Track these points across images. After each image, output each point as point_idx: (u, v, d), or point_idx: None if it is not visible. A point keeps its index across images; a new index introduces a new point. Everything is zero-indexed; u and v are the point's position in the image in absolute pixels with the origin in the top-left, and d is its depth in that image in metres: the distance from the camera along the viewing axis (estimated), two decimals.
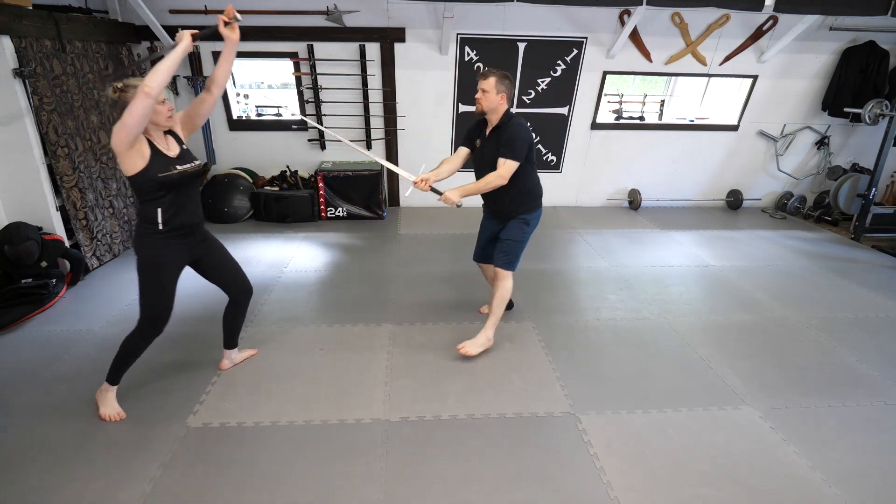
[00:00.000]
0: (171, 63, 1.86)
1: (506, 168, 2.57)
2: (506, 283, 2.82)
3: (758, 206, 6.05)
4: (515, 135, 2.56)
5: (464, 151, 2.84)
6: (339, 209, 5.18)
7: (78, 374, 2.63)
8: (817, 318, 3.40)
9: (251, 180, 5.22)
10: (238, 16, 2.09)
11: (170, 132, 2.13)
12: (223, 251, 2.44)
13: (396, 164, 5.45)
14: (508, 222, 2.81)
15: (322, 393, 2.52)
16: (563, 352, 2.93)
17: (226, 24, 2.10)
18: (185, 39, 1.93)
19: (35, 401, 2.43)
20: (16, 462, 2.07)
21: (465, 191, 2.66)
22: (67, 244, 3.56)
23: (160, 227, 2.04)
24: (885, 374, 2.80)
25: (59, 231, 3.58)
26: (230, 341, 2.65)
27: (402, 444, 2.20)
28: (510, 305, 3.39)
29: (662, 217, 5.56)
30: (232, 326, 2.61)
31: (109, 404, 2.30)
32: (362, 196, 5.15)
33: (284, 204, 5.01)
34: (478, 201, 2.92)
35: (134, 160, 1.91)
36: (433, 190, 2.76)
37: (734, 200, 5.89)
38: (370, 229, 4.98)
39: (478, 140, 2.76)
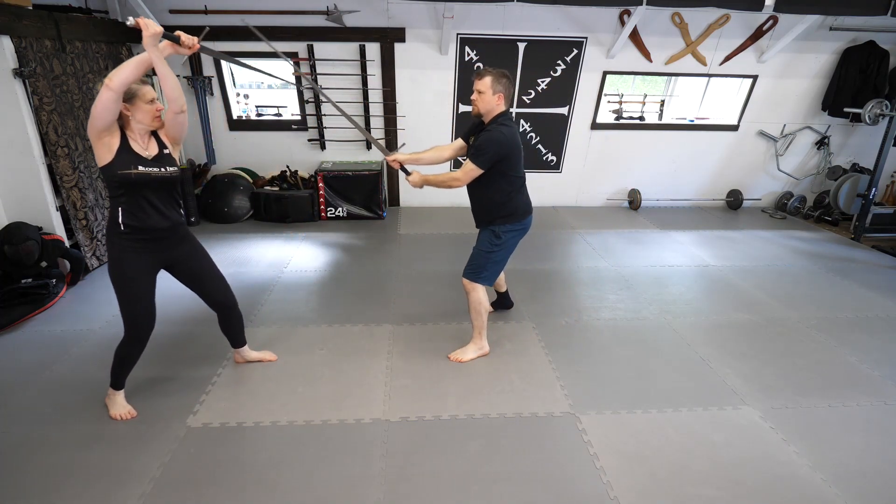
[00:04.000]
0: (137, 61, 1.83)
1: (465, 170, 2.46)
2: (473, 293, 2.68)
3: (758, 206, 6.05)
4: (489, 140, 2.42)
5: (458, 143, 2.79)
6: (339, 209, 5.18)
7: (78, 374, 2.63)
8: (817, 318, 3.40)
9: (251, 180, 5.22)
10: (194, 47, 2.01)
11: (155, 134, 2.08)
12: (204, 261, 2.36)
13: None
14: (481, 231, 2.74)
15: (322, 393, 2.52)
16: (563, 352, 2.93)
17: (180, 44, 1.98)
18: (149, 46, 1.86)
19: (35, 401, 2.43)
20: (16, 462, 2.07)
21: (428, 179, 2.65)
22: (67, 244, 3.55)
23: (121, 227, 2.01)
24: (885, 374, 2.80)
25: (59, 231, 3.58)
26: (235, 342, 2.66)
27: (402, 444, 2.20)
28: (509, 305, 3.39)
29: (662, 217, 5.56)
30: (229, 331, 2.60)
31: (118, 405, 2.32)
32: (362, 196, 5.15)
33: (284, 204, 5.01)
34: None
35: (101, 152, 1.90)
36: (402, 169, 2.79)
37: (734, 200, 5.89)
38: (370, 229, 4.98)
39: (472, 137, 2.64)
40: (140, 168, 1.96)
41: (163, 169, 2.03)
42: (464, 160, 2.57)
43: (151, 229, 2.06)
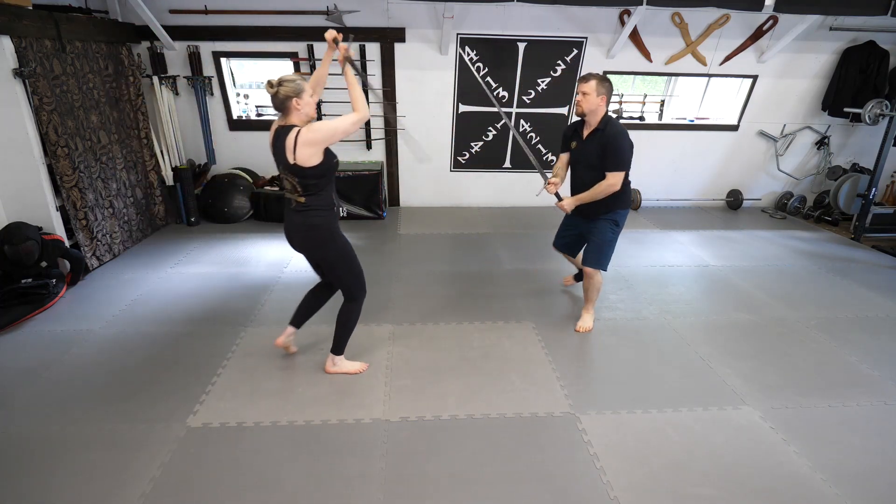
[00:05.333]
0: (352, 81, 2.27)
1: (616, 178, 2.77)
2: (595, 278, 3.07)
3: (758, 206, 6.05)
4: (621, 145, 2.73)
5: (565, 158, 3.04)
6: (339, 209, 5.18)
7: (78, 374, 2.63)
8: (817, 318, 3.40)
9: (251, 180, 5.22)
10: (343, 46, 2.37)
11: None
12: None
13: (397, 164, 5.46)
14: (597, 222, 2.99)
15: (322, 393, 2.52)
16: (563, 352, 2.93)
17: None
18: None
19: (35, 401, 2.43)
20: (16, 462, 2.07)
21: (580, 199, 2.90)
22: (67, 244, 3.56)
23: (335, 207, 2.33)
24: (885, 374, 2.80)
25: (59, 231, 3.58)
26: (299, 320, 2.74)
27: (402, 444, 2.20)
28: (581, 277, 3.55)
29: (662, 217, 5.56)
30: (308, 310, 2.73)
31: (351, 364, 2.65)
32: (362, 196, 5.15)
33: (284, 204, 4.99)
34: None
35: (321, 153, 2.17)
36: (556, 195, 3.01)
37: (734, 200, 5.89)
38: (370, 229, 4.98)
39: (573, 142, 2.93)
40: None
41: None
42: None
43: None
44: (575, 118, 2.83)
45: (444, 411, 2.41)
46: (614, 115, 5.52)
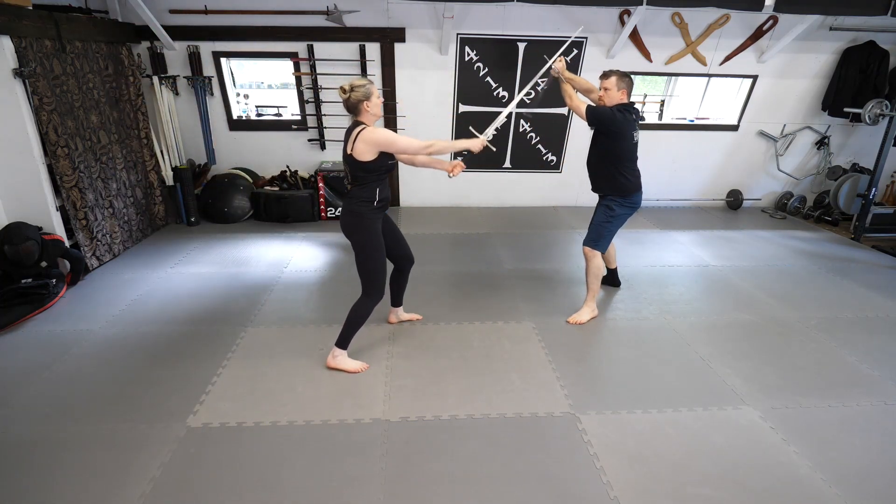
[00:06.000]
0: (450, 146, 2.64)
1: (580, 104, 2.95)
2: (593, 260, 3.21)
3: (758, 206, 6.05)
4: (604, 112, 2.93)
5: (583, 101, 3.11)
6: (340, 209, 5.18)
7: (78, 374, 2.63)
8: (817, 318, 3.40)
9: (251, 180, 5.22)
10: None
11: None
12: (394, 224, 2.83)
13: (397, 163, 5.44)
14: (599, 204, 3.24)
15: (322, 393, 2.52)
16: (563, 352, 2.93)
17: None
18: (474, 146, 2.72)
19: (35, 401, 2.43)
20: (16, 462, 2.07)
21: (573, 80, 3.24)
22: (67, 244, 3.56)
23: (376, 203, 2.49)
24: (884, 374, 2.80)
25: (59, 231, 3.58)
26: (396, 301, 3.10)
27: (402, 444, 2.20)
28: (617, 283, 3.77)
29: (662, 217, 5.56)
30: (396, 288, 3.05)
31: (351, 362, 2.68)
32: None
33: (284, 204, 5.01)
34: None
35: (377, 153, 2.40)
36: (556, 77, 3.29)
37: (734, 200, 5.89)
38: None
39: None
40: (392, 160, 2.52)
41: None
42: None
43: (388, 198, 2.59)
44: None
45: (444, 411, 2.41)
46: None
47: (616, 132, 2.95)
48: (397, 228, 2.84)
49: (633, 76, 3.10)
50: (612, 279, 3.76)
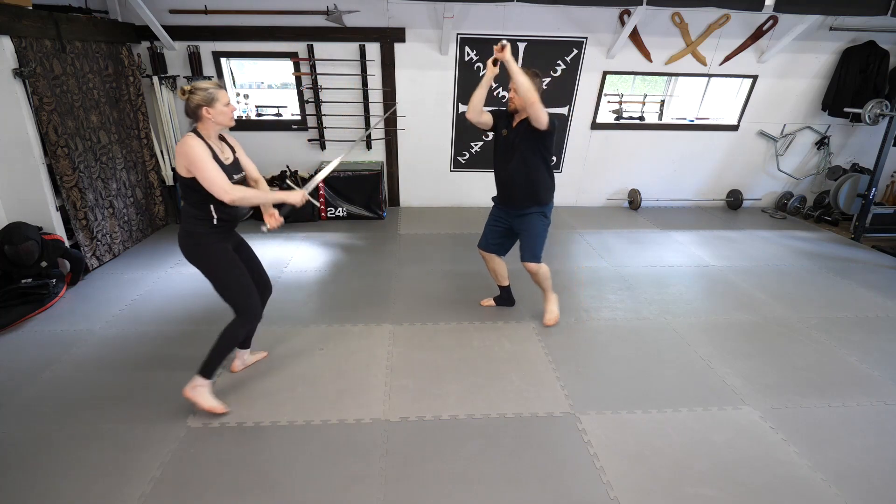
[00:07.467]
0: (265, 198, 2.31)
1: (543, 113, 2.60)
2: (540, 272, 3.02)
3: (758, 206, 6.05)
4: (552, 119, 2.70)
5: (488, 115, 2.89)
6: (340, 209, 5.18)
7: (78, 374, 2.63)
8: (817, 318, 3.40)
9: None
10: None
11: (223, 138, 2.27)
12: (249, 247, 2.55)
13: (397, 164, 5.45)
14: (527, 216, 2.94)
15: (322, 393, 2.52)
16: (563, 352, 2.93)
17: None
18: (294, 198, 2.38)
19: (35, 401, 2.43)
20: (16, 462, 2.07)
21: (516, 70, 2.56)
22: (67, 244, 3.55)
23: (214, 221, 2.19)
24: (885, 374, 2.80)
25: (59, 231, 3.58)
26: (244, 342, 2.64)
27: (402, 444, 2.20)
28: (511, 302, 3.44)
29: (662, 217, 5.56)
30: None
31: (210, 398, 2.31)
32: (362, 196, 5.15)
33: (284, 204, 5.00)
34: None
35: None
36: (494, 62, 2.71)
37: (734, 200, 5.89)
38: (370, 229, 4.98)
39: (504, 129, 2.86)
40: (235, 177, 2.20)
41: (241, 174, 2.30)
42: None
43: (236, 218, 2.33)
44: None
45: (444, 411, 2.41)
46: (614, 116, 5.56)
47: (553, 135, 2.78)
48: (253, 253, 2.53)
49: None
50: (505, 298, 3.41)
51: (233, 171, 2.21)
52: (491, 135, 2.97)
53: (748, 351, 3.00)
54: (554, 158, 5.55)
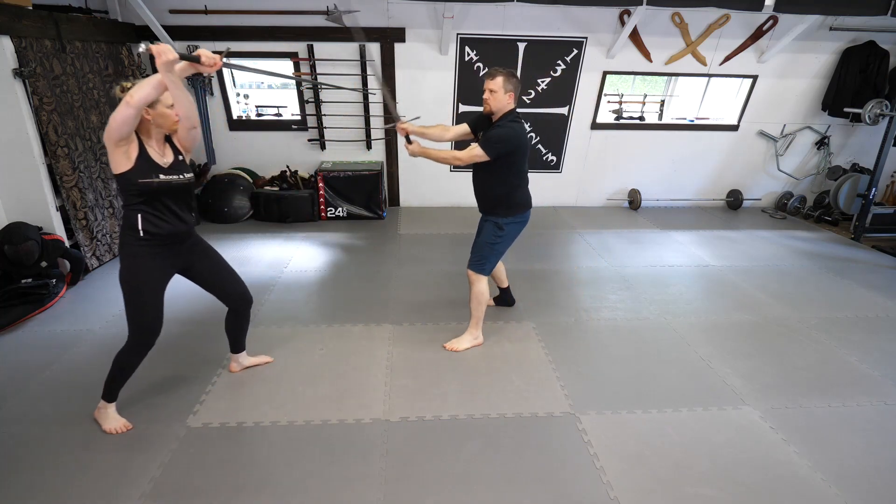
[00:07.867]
0: (155, 81, 1.82)
1: (471, 153, 2.55)
2: (478, 284, 2.82)
3: (758, 206, 6.05)
4: (502, 135, 2.53)
5: (463, 128, 2.84)
6: (339, 209, 5.18)
7: (78, 374, 2.63)
8: (817, 318, 3.40)
9: (251, 180, 5.22)
10: (216, 65, 1.89)
11: (169, 139, 2.07)
12: (217, 258, 2.35)
13: (397, 163, 5.46)
14: (483, 223, 2.84)
15: (322, 393, 2.52)
16: (563, 352, 2.93)
17: (200, 63, 1.86)
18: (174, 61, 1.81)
19: (35, 401, 2.43)
20: (16, 462, 2.07)
21: (427, 152, 2.69)
22: (67, 244, 3.55)
23: (140, 234, 1.98)
24: (885, 374, 2.80)
25: (59, 231, 3.58)
26: (236, 346, 2.62)
27: (402, 444, 2.20)
28: (511, 302, 3.42)
29: (662, 217, 5.56)
30: (234, 334, 2.57)
31: (112, 418, 2.23)
32: (362, 196, 5.15)
33: (284, 204, 5.01)
34: None
35: (119, 160, 1.89)
36: (406, 137, 2.85)
37: (734, 200, 5.89)
38: (370, 229, 4.98)
39: (481, 132, 2.72)
40: (161, 177, 1.96)
41: (181, 176, 2.05)
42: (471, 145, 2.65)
43: (171, 234, 2.06)
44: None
45: (444, 411, 2.41)
46: (614, 116, 5.56)
47: (516, 149, 2.58)
48: (222, 263, 2.35)
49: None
50: (504, 299, 3.41)
51: (171, 171, 2.00)
52: None
53: (748, 351, 3.00)
54: (554, 159, 5.59)
